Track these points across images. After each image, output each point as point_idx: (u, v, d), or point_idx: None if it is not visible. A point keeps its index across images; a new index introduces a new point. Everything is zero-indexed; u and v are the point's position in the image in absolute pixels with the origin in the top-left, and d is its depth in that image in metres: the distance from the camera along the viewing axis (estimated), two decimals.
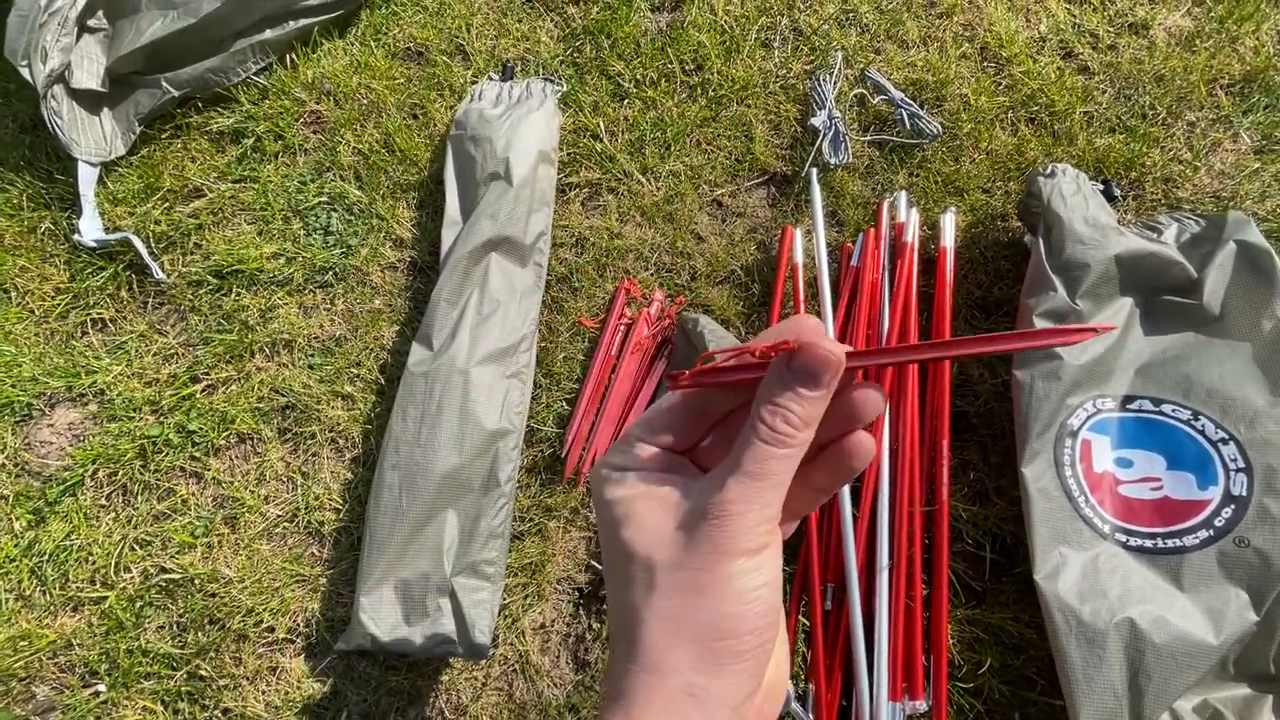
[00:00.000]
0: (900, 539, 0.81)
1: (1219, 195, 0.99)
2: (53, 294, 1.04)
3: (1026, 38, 1.10)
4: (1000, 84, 1.07)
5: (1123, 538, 0.75)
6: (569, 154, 1.06)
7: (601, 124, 1.07)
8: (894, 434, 0.85)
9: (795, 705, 0.78)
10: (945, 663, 0.77)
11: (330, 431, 0.96)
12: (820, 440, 0.28)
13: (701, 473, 0.28)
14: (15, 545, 0.91)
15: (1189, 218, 0.88)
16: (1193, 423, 0.77)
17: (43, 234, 1.07)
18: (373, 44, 1.16)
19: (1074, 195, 0.86)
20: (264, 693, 0.85)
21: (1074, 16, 1.11)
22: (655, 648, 0.25)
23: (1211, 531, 0.72)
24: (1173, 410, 0.78)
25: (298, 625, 0.88)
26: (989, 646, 0.80)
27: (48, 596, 0.89)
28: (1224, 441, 0.74)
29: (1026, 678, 0.80)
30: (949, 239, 0.95)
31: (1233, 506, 0.72)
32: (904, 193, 0.98)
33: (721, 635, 0.24)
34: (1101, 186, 0.93)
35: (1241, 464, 0.73)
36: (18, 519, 0.93)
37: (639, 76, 1.10)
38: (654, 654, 0.25)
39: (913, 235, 0.94)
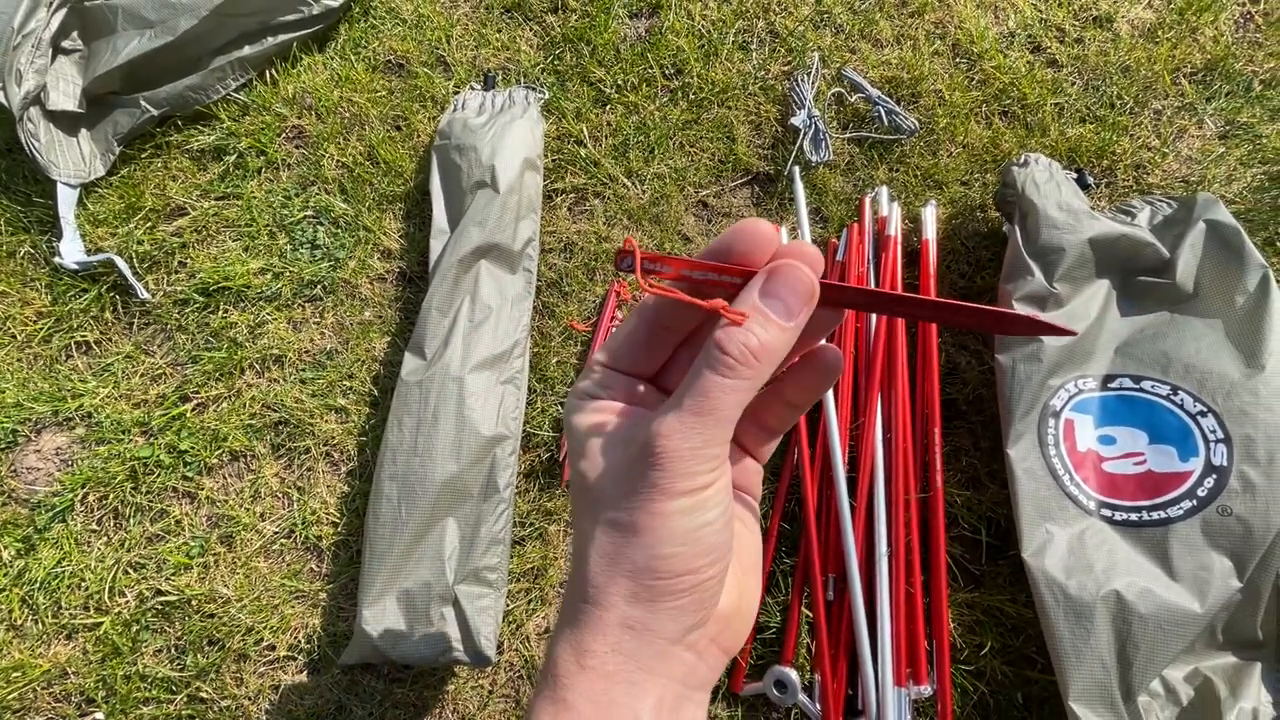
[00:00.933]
0: (897, 527, 0.82)
1: (1188, 180, 1.02)
2: (35, 318, 1.03)
3: (996, 34, 1.13)
4: (973, 79, 1.10)
5: (1108, 513, 0.77)
6: (554, 160, 1.07)
7: (585, 130, 1.08)
8: (887, 423, 0.87)
9: (802, 697, 0.79)
10: (947, 646, 0.78)
11: (324, 445, 0.95)
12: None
13: (663, 399, 0.26)
14: (4, 575, 0.90)
15: (1160, 200, 0.91)
16: (1172, 397, 0.79)
17: (23, 258, 1.05)
18: (353, 58, 1.16)
19: (1047, 183, 0.89)
20: (266, 712, 0.84)
21: (1040, 12, 1.14)
22: (595, 582, 0.25)
23: (1195, 502, 0.74)
24: (1152, 386, 0.80)
25: (299, 642, 0.87)
26: (989, 628, 0.82)
27: (40, 625, 0.88)
28: (1203, 414, 0.77)
29: (1027, 657, 0.81)
30: (931, 231, 0.97)
31: (1214, 477, 0.74)
32: (885, 188, 1.00)
33: (656, 574, 0.24)
34: (1075, 175, 0.95)
35: (1220, 435, 0.75)
36: (6, 547, 0.91)
37: (620, 82, 1.11)
38: (594, 588, 0.25)
39: (895, 229, 0.96)
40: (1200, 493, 0.74)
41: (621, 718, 0.24)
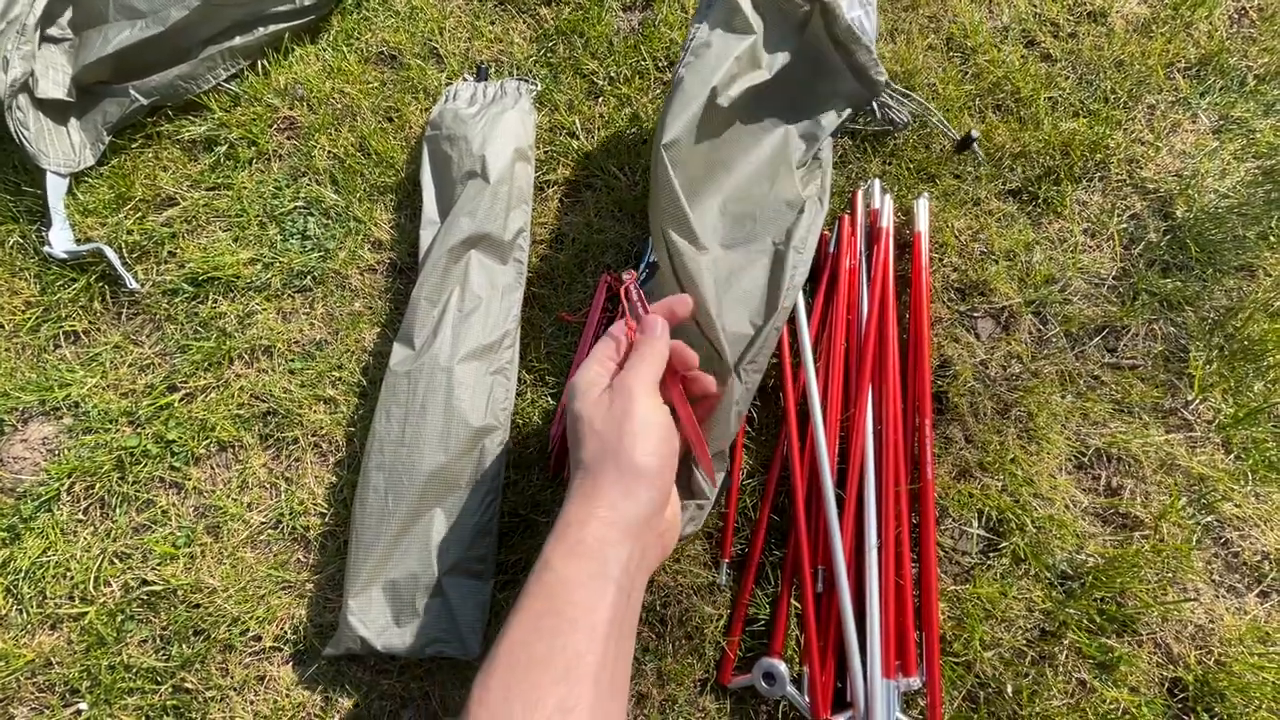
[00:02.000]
0: (887, 519, 0.81)
1: (1181, 174, 1.02)
2: (23, 308, 1.02)
3: (990, 28, 1.12)
4: (966, 73, 1.09)
5: None
6: (546, 152, 1.07)
7: (577, 121, 1.08)
8: (877, 416, 0.86)
9: (791, 689, 0.78)
10: (937, 638, 0.78)
11: (313, 436, 0.95)
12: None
13: None
14: None
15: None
16: None
17: (11, 248, 1.05)
18: (345, 49, 1.15)
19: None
20: (252, 703, 0.84)
21: (1035, 6, 1.14)
22: (590, 469, 0.53)
23: None
24: None
25: (285, 632, 0.86)
26: (979, 620, 0.81)
27: (24, 615, 0.87)
28: None
29: (1017, 649, 0.80)
30: (923, 223, 0.96)
31: None
32: (878, 180, 1.00)
33: (634, 454, 0.52)
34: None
35: None
36: None
37: (613, 74, 1.11)
38: (590, 472, 0.53)
39: (887, 221, 0.96)
40: None
41: (614, 558, 0.50)
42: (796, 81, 0.95)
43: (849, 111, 0.98)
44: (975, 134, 0.99)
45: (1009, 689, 0.79)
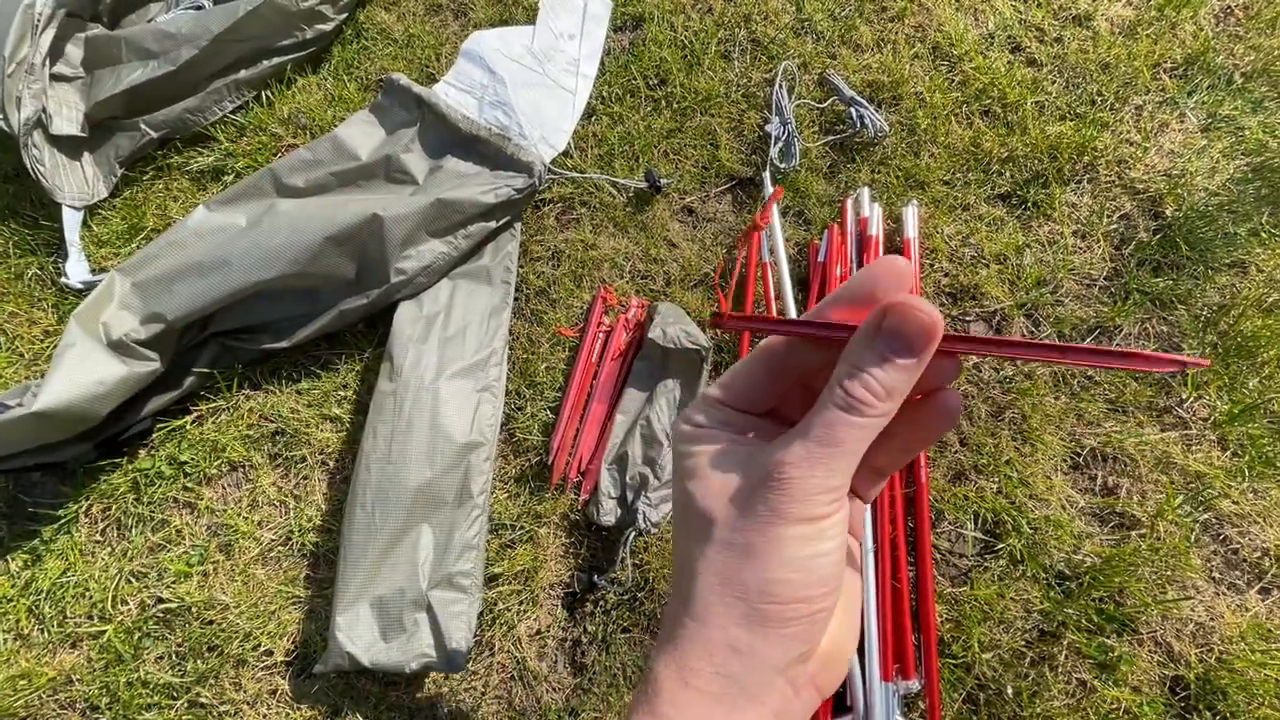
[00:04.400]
0: (883, 523, 0.82)
1: (1170, 173, 1.03)
2: (41, 337, 1.06)
3: (976, 35, 1.14)
4: (953, 80, 1.11)
5: None
6: None
7: (571, 141, 1.10)
8: None
9: None
10: (935, 641, 0.79)
11: (320, 454, 0.97)
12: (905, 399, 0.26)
13: (780, 434, 0.26)
14: (12, 585, 0.92)
15: None
16: None
17: (30, 279, 1.09)
18: (345, 78, 1.19)
19: None
20: (264, 716, 0.86)
21: (1020, 12, 1.15)
22: (704, 600, 0.25)
23: None
24: None
25: (296, 647, 0.88)
26: (977, 622, 0.82)
27: (46, 634, 0.90)
28: None
29: (1016, 650, 0.81)
30: (912, 230, 0.98)
31: None
32: (866, 189, 1.01)
33: (768, 599, 0.24)
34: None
35: None
36: (14, 559, 0.93)
37: (604, 93, 1.14)
38: (702, 606, 0.25)
39: (877, 229, 0.97)
40: None
41: None
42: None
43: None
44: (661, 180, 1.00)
45: (1009, 690, 0.79)
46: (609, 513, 0.86)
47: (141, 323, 0.88)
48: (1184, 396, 0.90)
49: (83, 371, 0.82)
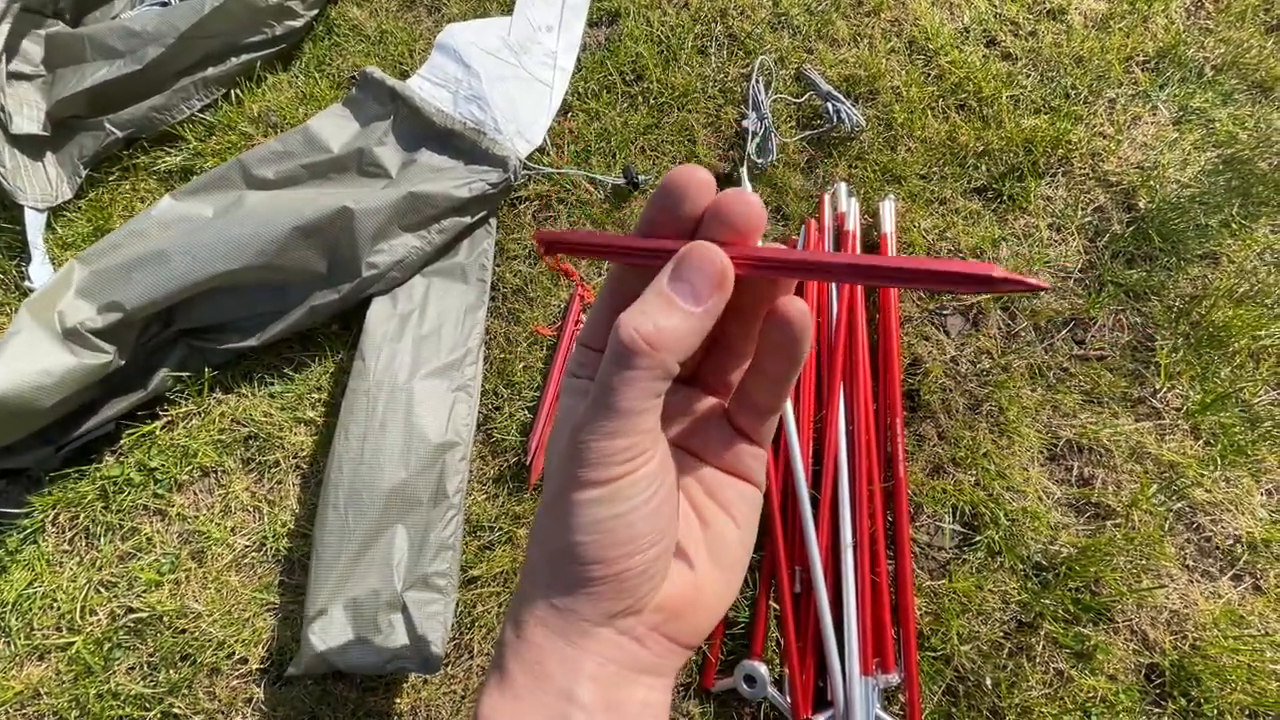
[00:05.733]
0: (861, 517, 0.82)
1: (1142, 166, 1.04)
2: None
3: (951, 29, 1.14)
4: (929, 75, 1.11)
5: None
6: None
7: (548, 137, 1.09)
8: (849, 416, 0.87)
9: (772, 690, 0.79)
10: (914, 634, 0.79)
11: (294, 458, 0.95)
12: (743, 320, 0.25)
13: None
14: None
15: None
16: None
17: None
18: (317, 75, 1.17)
19: None
20: None
21: (995, 6, 1.16)
22: (530, 560, 0.26)
23: None
24: None
25: (271, 654, 0.87)
26: (956, 614, 0.82)
27: (12, 647, 0.88)
28: None
29: (994, 641, 0.81)
30: (889, 225, 0.98)
31: None
32: (844, 184, 1.01)
33: (569, 559, 0.24)
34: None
35: None
36: None
37: (580, 89, 1.13)
38: (528, 563, 0.27)
39: (854, 224, 0.97)
40: None
41: (553, 686, 0.24)
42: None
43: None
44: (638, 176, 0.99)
45: (988, 681, 0.80)
46: None
47: (98, 311, 0.85)
48: (1157, 387, 0.91)
49: (27, 360, 0.79)
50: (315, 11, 1.17)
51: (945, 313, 0.97)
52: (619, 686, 0.25)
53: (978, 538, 0.86)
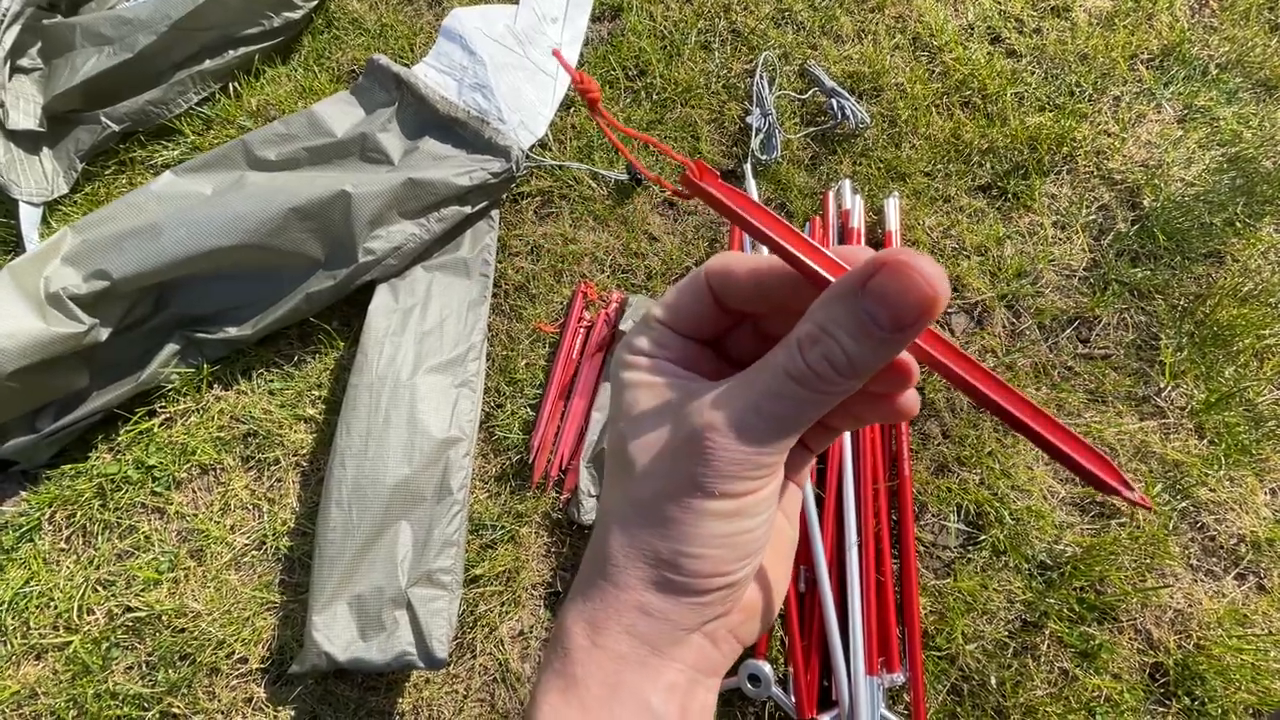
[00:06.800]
0: (866, 517, 0.82)
1: (1147, 164, 1.03)
2: None
3: (956, 26, 1.14)
4: (933, 71, 1.10)
5: None
6: None
7: (550, 133, 1.08)
8: None
9: (776, 690, 0.79)
10: (918, 634, 0.78)
11: (294, 455, 0.95)
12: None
13: (726, 370, 0.23)
14: None
15: None
16: None
17: None
18: (316, 68, 1.16)
19: None
20: None
21: (999, 3, 1.15)
22: (616, 560, 0.23)
23: None
24: None
25: (271, 653, 0.86)
26: (961, 614, 0.82)
27: (9, 646, 0.87)
28: None
29: (999, 641, 0.81)
30: (894, 222, 0.97)
31: None
32: (848, 181, 1.00)
33: (680, 570, 0.22)
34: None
35: None
36: None
37: None
38: (614, 566, 0.23)
39: (858, 221, 0.97)
40: None
41: (630, 699, 0.22)
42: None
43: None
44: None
45: (993, 680, 0.80)
46: (591, 511, 0.85)
47: (84, 279, 0.84)
48: (1162, 386, 0.91)
49: None
50: (314, 4, 1.16)
51: (950, 310, 0.97)
52: (691, 692, 0.24)
53: (982, 537, 0.85)
